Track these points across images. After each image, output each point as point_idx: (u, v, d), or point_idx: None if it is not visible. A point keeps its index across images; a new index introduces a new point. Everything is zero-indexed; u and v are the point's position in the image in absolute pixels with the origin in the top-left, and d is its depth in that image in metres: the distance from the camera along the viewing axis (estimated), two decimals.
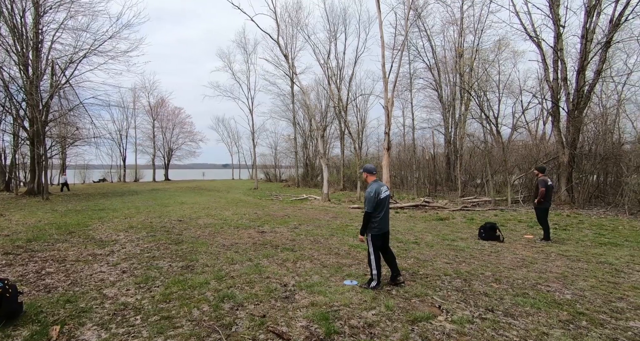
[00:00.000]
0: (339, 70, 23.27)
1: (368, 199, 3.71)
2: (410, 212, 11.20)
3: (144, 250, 5.77)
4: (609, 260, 5.34)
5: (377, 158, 27.46)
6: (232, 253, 5.42)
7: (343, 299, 3.41)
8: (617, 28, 14.59)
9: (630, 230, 8.39)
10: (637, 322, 3.02)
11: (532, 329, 2.81)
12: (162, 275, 4.35)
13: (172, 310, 3.25)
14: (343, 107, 20.96)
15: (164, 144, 43.88)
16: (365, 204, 3.73)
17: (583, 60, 14.62)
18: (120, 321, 2.99)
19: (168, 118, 43.83)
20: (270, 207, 12.73)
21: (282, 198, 17.14)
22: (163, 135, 43.42)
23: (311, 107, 19.01)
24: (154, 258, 5.24)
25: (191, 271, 4.55)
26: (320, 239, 6.56)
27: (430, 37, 24.26)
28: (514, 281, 4.12)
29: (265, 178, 39.36)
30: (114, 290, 3.82)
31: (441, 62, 24.54)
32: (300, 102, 29.68)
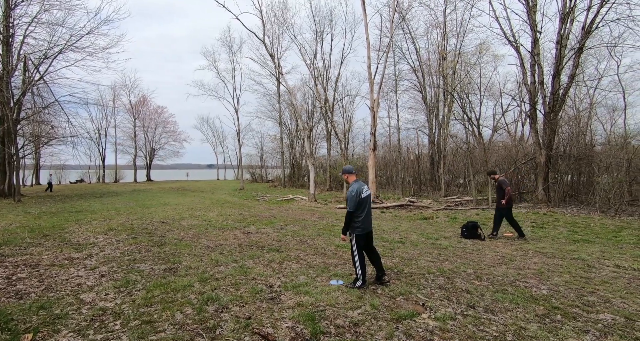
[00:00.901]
0: (325, 71, 23.35)
1: (350, 198, 3.75)
2: (395, 211, 11.36)
3: (124, 253, 5.60)
4: (582, 256, 5.59)
5: (363, 158, 27.70)
6: (216, 255, 5.34)
7: (329, 299, 3.42)
8: (588, 35, 15.29)
9: (600, 227, 8.80)
10: (606, 315, 3.17)
11: (510, 324, 2.90)
12: (143, 279, 4.24)
13: (153, 314, 3.17)
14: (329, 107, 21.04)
15: (146, 144, 42.70)
16: (347, 203, 3.77)
17: (558, 65, 15.26)
18: (98, 327, 2.89)
19: (150, 117, 42.70)
20: (256, 208, 12.61)
21: (268, 198, 17.02)
22: (145, 134, 42.26)
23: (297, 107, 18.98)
24: (135, 261, 5.09)
25: (174, 273, 4.46)
26: (306, 239, 6.56)
27: (414, 39, 24.68)
28: (494, 278, 4.25)
29: (251, 179, 38.99)
30: (92, 294, 3.69)
31: (425, 64, 25.02)
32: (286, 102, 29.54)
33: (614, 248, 6.49)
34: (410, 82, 25.30)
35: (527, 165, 15.85)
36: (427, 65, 25.15)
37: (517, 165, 15.95)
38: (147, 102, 41.63)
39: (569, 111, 18.77)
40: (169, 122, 44.64)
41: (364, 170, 25.21)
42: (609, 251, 6.13)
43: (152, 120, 42.82)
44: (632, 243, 7.05)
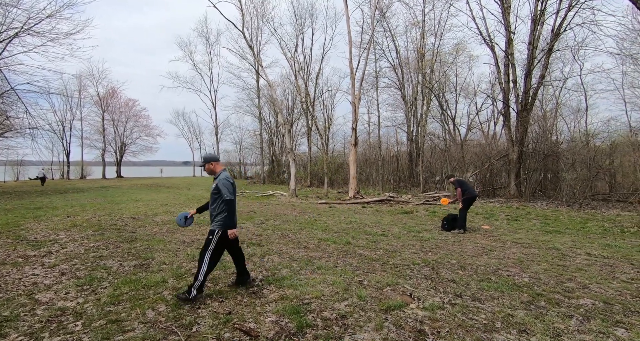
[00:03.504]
0: (306, 66, 23.07)
1: (226, 186, 3.33)
2: (376, 206, 11.38)
3: (89, 250, 5.17)
4: (556, 245, 5.79)
5: (343, 155, 27.75)
6: (193, 250, 5.03)
7: (314, 291, 3.27)
8: (557, 37, 16.03)
9: (569, 219, 9.22)
10: (586, 300, 3.23)
11: (498, 311, 2.88)
12: (110, 276, 3.90)
13: (121, 312, 2.88)
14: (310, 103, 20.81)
15: (116, 138, 40.46)
16: (225, 192, 3.31)
17: (530, 65, 15.89)
18: (55, 329, 2.57)
19: (120, 110, 40.44)
20: None
21: (247, 194, 16.61)
22: (115, 128, 40.01)
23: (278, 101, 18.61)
24: (101, 258, 4.70)
25: (146, 269, 4.14)
26: (288, 234, 6.36)
27: (394, 37, 24.90)
28: (477, 267, 4.26)
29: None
30: (50, 294, 3.32)
31: (404, 62, 25.34)
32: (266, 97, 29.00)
33: (583, 238, 6.78)
34: (390, 79, 25.55)
35: (500, 161, 16.46)
36: (406, 63, 25.50)
37: (491, 162, 16.52)
38: (117, 94, 39.39)
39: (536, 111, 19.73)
40: (141, 116, 42.54)
41: (344, 166, 25.27)
42: (579, 241, 6.40)
43: (122, 114, 40.63)
44: (598, 233, 7.42)
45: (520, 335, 2.46)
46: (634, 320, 2.79)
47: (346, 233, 6.49)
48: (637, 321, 2.77)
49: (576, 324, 2.67)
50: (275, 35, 19.72)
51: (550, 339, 2.40)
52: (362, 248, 5.18)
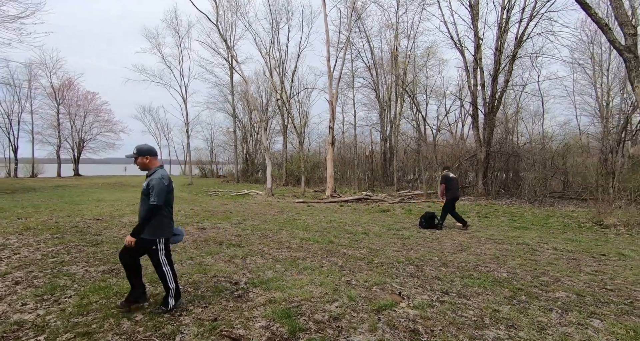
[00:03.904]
0: (281, 63, 22.75)
1: (159, 188, 2.70)
2: (354, 205, 11.47)
3: (47, 255, 4.70)
4: (525, 241, 6.11)
5: (318, 154, 27.75)
6: None
7: (303, 293, 3.17)
8: (520, 45, 17.03)
9: (532, 216, 9.82)
10: (561, 293, 3.41)
11: (484, 307, 2.95)
12: (75, 283, 3.55)
13: (92, 323, 2.62)
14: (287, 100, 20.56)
15: (73, 134, 37.41)
16: (154, 195, 2.69)
17: (496, 70, 16.77)
18: None
19: (78, 103, 37.43)
20: (209, 203, 11.78)
21: (221, 193, 16.09)
22: (72, 123, 36.98)
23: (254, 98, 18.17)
24: (63, 264, 4.28)
25: (117, 275, 3.82)
26: (268, 234, 6.20)
27: (369, 38, 25.24)
28: (458, 264, 4.38)
29: (200, 174, 36.75)
30: (2, 306, 2.96)
31: (379, 63, 25.78)
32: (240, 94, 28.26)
33: (547, 233, 7.24)
34: (365, 79, 25.89)
35: (469, 161, 17.25)
36: (381, 65, 25.97)
37: (460, 162, 17.26)
38: (74, 86, 36.43)
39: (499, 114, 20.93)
40: (102, 110, 39.67)
41: (320, 165, 25.27)
42: (544, 236, 6.82)
43: (80, 107, 37.63)
44: (560, 228, 7.96)
45: (509, 330, 2.53)
46: (605, 310, 2.98)
47: (327, 232, 6.45)
48: (608, 311, 2.95)
49: (556, 317, 2.80)
50: (249, 30, 19.31)
51: (536, 333, 2.48)
52: (345, 248, 5.16)
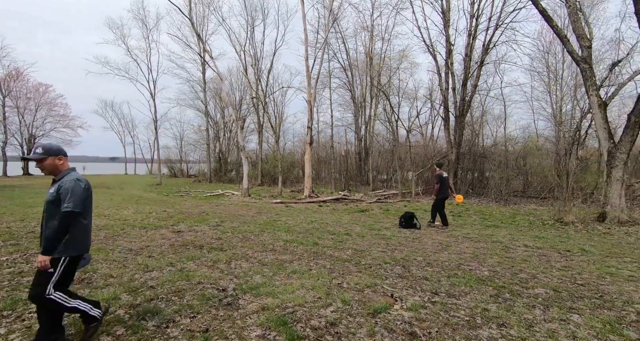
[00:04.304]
0: (256, 61, 22.30)
1: (76, 191, 2.23)
2: (332, 205, 11.49)
3: (1, 265, 4.23)
4: (499, 239, 6.44)
5: (293, 153, 27.57)
6: (144, 259, 4.44)
7: (295, 298, 3.09)
8: (487, 52, 17.97)
9: (500, 214, 10.38)
10: (540, 289, 3.61)
11: (474, 307, 3.04)
12: None
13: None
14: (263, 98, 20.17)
15: (22, 129, 34.20)
16: (69, 199, 2.19)
17: (466, 75, 17.57)
18: None
19: (28, 96, 34.24)
20: (182, 204, 11.28)
21: (193, 194, 15.47)
22: (20, 117, 33.76)
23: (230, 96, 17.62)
24: (22, 274, 3.88)
25: (88, 285, 3.52)
26: (250, 236, 6.02)
27: (344, 39, 25.45)
28: (442, 263, 4.50)
29: (169, 173, 35.14)
30: None
31: (354, 64, 26.08)
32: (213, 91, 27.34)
33: (516, 231, 7.68)
34: (341, 80, 26.08)
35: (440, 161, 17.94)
36: (356, 66, 26.29)
37: (432, 162, 17.91)
38: (22, 76, 33.25)
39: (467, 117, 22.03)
40: (56, 104, 36.58)
41: (295, 165, 25.12)
42: (514, 233, 7.22)
43: (31, 100, 34.44)
44: (526, 226, 8.48)
45: (500, 329, 2.62)
46: (581, 305, 3.18)
47: (310, 233, 6.39)
48: (584, 306, 3.16)
49: (540, 313, 2.95)
50: (223, 25, 18.68)
51: (525, 330, 2.59)
52: (330, 249, 5.13)
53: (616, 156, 8.94)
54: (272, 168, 21.23)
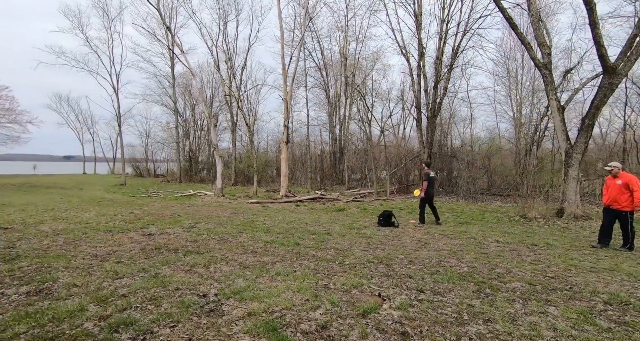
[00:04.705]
0: (230, 57, 21.65)
1: None
2: (310, 204, 11.41)
3: None
4: (473, 235, 6.69)
5: (267, 153, 27.15)
6: (112, 265, 4.10)
7: (282, 302, 2.97)
8: (456, 56, 18.76)
9: (470, 211, 10.85)
10: (516, 283, 3.76)
11: (459, 303, 3.09)
12: None
13: None
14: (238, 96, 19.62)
15: None
16: None
17: (437, 78, 18.21)
18: None
19: None
20: (151, 205, 10.67)
21: (163, 194, 14.71)
22: None
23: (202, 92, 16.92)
24: None
25: (48, 296, 3.17)
26: (227, 238, 5.78)
27: (319, 38, 25.46)
28: (423, 260, 4.58)
29: (134, 173, 33.23)
30: None
31: (329, 64, 26.16)
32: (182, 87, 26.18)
33: (486, 227, 8.04)
34: (316, 79, 26.05)
35: (413, 161, 18.47)
36: (331, 65, 26.39)
37: (406, 162, 18.41)
38: None
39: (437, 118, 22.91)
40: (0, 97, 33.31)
41: (270, 164, 24.73)
42: (485, 230, 7.55)
43: None
44: (495, 222, 8.92)
45: (487, 324, 2.68)
46: (554, 297, 3.35)
47: (291, 234, 6.26)
48: (557, 298, 3.33)
49: (520, 307, 3.06)
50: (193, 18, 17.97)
51: (510, 325, 2.67)
52: (313, 249, 5.05)
53: (572, 156, 9.65)
54: (247, 168, 20.73)
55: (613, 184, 5.85)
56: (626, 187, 5.65)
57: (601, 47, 8.65)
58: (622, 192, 5.68)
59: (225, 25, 22.36)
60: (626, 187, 5.65)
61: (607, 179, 6.14)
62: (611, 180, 5.93)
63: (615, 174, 5.88)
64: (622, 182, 5.71)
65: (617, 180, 5.79)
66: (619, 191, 5.72)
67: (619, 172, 5.87)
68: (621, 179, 5.75)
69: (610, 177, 5.98)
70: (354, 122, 25.28)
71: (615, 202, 5.78)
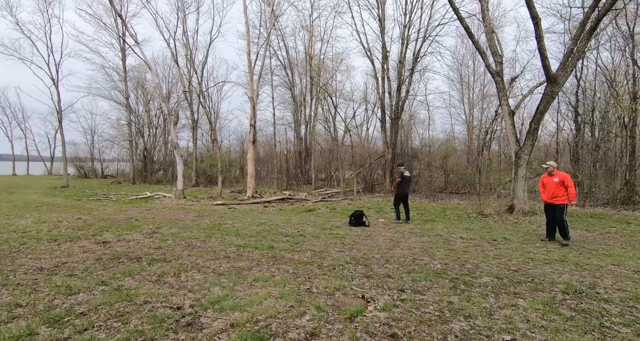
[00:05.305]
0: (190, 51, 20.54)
1: None
2: (278, 205, 11.19)
3: None
4: (439, 233, 7.00)
5: (229, 152, 26.24)
6: (64, 279, 3.63)
7: (265, 310, 2.83)
8: (417, 61, 19.65)
9: (432, 209, 11.40)
10: (486, 278, 3.98)
11: (439, 301, 3.18)
12: None
13: None
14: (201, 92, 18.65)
15: None
16: None
17: (400, 81, 18.92)
18: None
19: None
20: (102, 210, 9.73)
21: (115, 197, 13.51)
22: None
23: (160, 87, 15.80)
24: None
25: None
26: (195, 243, 5.43)
27: (284, 37, 25.17)
28: (398, 259, 4.68)
29: (78, 174, 30.23)
30: None
31: (294, 63, 25.96)
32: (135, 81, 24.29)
33: (450, 224, 8.47)
34: (281, 78, 25.71)
35: (378, 161, 19.00)
36: (296, 65, 26.21)
37: (371, 162, 18.88)
38: None
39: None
40: None
41: (233, 164, 23.90)
42: (449, 227, 7.95)
43: None
44: (456, 219, 9.43)
45: (468, 320, 2.78)
46: (520, 290, 3.59)
47: (263, 236, 6.06)
48: (523, 290, 3.57)
49: (494, 301, 3.23)
50: (148, 7, 16.75)
51: (488, 319, 2.80)
52: (288, 252, 4.92)
53: (521, 157, 10.54)
54: (209, 168, 19.82)
55: (550, 182, 6.41)
56: (562, 184, 6.26)
57: (545, 59, 9.54)
58: (559, 188, 6.28)
59: (184, 17, 21.19)
60: (562, 183, 6.26)
61: (543, 177, 6.69)
62: (548, 178, 6.49)
63: (551, 172, 6.44)
64: (558, 180, 6.29)
65: (553, 178, 6.36)
66: (557, 187, 6.30)
67: (554, 170, 6.45)
68: (557, 177, 6.33)
69: (547, 175, 6.54)
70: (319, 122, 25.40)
71: (554, 197, 6.33)
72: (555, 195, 6.31)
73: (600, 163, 16.20)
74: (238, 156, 25.20)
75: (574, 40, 9.70)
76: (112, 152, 32.80)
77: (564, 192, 6.25)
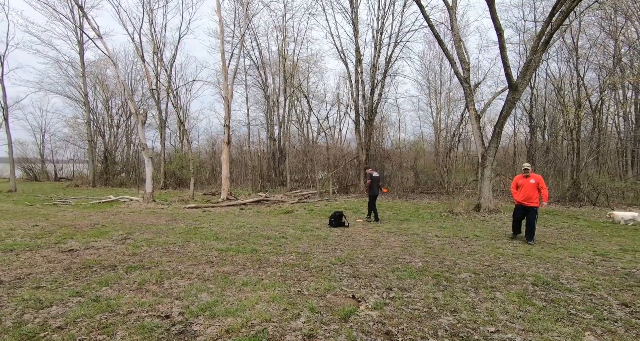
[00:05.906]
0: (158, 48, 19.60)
1: None
2: (255, 207, 11.00)
3: None
4: (416, 232, 7.27)
5: (199, 152, 25.37)
6: (31, 292, 3.34)
7: (259, 314, 2.80)
8: (389, 65, 20.25)
9: (406, 208, 11.81)
10: (464, 274, 4.21)
11: (426, 297, 3.33)
12: None
13: None
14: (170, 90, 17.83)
15: None
16: None
17: (373, 84, 19.38)
18: None
19: None
20: (61, 215, 9.00)
21: (74, 202, 12.54)
22: None
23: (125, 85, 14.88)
24: None
25: None
26: (173, 248, 5.21)
27: (256, 36, 24.81)
28: (381, 259, 4.81)
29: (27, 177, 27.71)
30: None
31: (267, 63, 25.67)
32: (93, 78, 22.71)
33: (424, 223, 8.82)
34: (254, 78, 25.32)
35: (352, 162, 19.30)
36: (269, 65, 25.93)
37: (345, 163, 19.13)
38: None
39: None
40: None
41: (204, 166, 23.12)
42: (424, 225, 8.28)
43: None
44: (429, 218, 9.84)
45: (454, 314, 2.93)
46: (496, 284, 3.84)
47: (244, 239, 5.95)
48: (499, 284, 3.82)
49: (475, 295, 3.43)
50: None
51: (473, 312, 2.97)
52: (273, 255, 4.87)
53: (487, 158, 11.23)
54: (178, 170, 19.01)
55: (527, 183, 6.55)
56: (537, 186, 6.44)
57: (507, 68, 10.25)
58: (535, 190, 6.46)
59: (150, 11, 20.19)
60: (537, 185, 6.43)
61: (517, 179, 6.83)
62: (523, 179, 6.63)
63: (528, 174, 6.58)
64: (535, 181, 6.46)
65: (530, 180, 6.52)
66: (533, 189, 6.45)
67: (530, 172, 6.60)
68: (533, 178, 6.50)
69: (522, 176, 6.68)
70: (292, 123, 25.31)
71: (529, 199, 6.48)
72: (530, 196, 6.41)
73: (550, 164, 17.70)
74: (209, 157, 24.42)
75: (531, 51, 10.50)
76: (66, 153, 30.40)
77: (538, 194, 6.39)
